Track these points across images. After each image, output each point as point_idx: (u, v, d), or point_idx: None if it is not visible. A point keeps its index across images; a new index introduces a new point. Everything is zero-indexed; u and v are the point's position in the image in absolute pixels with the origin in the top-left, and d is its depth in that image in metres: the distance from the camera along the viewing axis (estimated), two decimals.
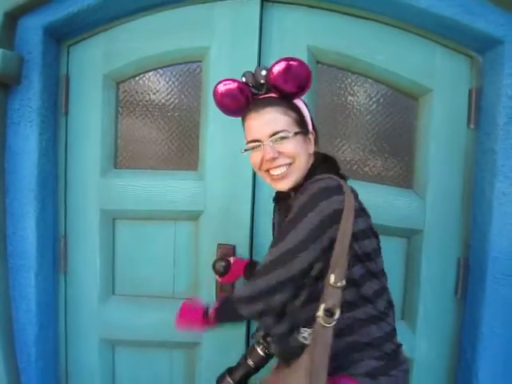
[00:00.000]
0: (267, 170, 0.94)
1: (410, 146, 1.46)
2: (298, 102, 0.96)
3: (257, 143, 0.92)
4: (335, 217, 0.84)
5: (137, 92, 1.49)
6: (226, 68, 1.39)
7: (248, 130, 0.95)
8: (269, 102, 0.92)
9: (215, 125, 1.40)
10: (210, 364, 1.46)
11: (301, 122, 0.94)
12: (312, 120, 1.00)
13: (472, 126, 1.39)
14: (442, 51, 1.39)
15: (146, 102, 1.49)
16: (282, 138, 0.90)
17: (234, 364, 1.06)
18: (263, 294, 0.87)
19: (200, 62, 1.43)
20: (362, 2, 1.34)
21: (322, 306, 0.85)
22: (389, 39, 1.39)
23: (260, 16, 1.37)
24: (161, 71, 1.46)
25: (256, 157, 0.93)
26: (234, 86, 0.94)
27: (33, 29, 1.33)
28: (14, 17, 1.31)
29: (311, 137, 0.97)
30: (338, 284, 0.84)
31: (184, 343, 1.49)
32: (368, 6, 1.35)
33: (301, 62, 0.89)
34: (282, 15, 1.39)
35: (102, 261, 1.49)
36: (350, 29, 1.39)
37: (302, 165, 0.93)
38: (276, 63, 0.89)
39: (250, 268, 1.29)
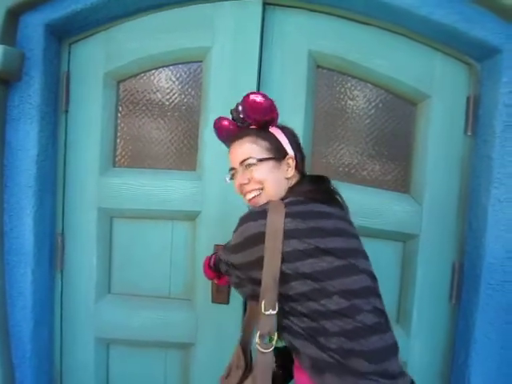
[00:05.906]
0: (245, 195, 1.02)
1: (407, 151, 1.47)
2: (275, 131, 1.02)
3: (234, 171, 1.03)
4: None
5: (137, 91, 1.49)
6: (227, 69, 1.39)
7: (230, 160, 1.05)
8: (242, 134, 1.01)
9: None
10: (205, 364, 1.47)
11: (274, 149, 0.99)
12: (298, 146, 1.05)
13: (469, 133, 1.41)
14: (441, 58, 1.41)
15: (147, 101, 1.49)
16: (249, 165, 0.98)
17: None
18: None
19: (201, 62, 1.44)
20: (363, 7, 1.35)
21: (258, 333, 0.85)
22: (389, 45, 1.40)
23: (262, 18, 1.38)
24: (161, 71, 1.47)
25: (235, 184, 1.03)
26: (224, 123, 1.05)
27: (34, 26, 1.33)
28: (15, 13, 1.31)
29: (290, 162, 1.00)
30: (267, 312, 0.84)
31: (179, 343, 1.50)
32: (369, 12, 1.36)
33: (262, 96, 0.96)
34: (284, 19, 1.39)
35: (99, 259, 1.49)
36: (351, 33, 1.40)
37: (271, 190, 0.98)
38: (243, 98, 0.97)
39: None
